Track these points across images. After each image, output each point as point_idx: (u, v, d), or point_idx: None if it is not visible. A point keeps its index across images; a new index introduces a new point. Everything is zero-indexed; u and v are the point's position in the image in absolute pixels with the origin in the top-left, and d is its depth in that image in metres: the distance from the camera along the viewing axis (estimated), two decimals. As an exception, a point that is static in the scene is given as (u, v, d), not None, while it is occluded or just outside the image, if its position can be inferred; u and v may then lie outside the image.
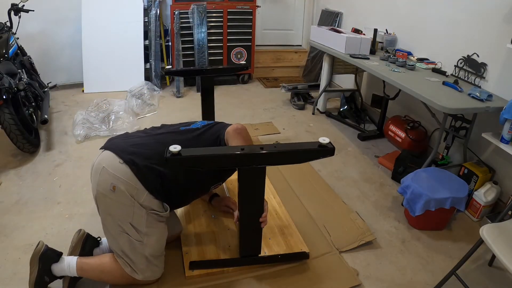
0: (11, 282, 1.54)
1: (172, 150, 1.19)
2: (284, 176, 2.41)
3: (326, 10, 4.29)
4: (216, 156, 1.29)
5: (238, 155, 1.28)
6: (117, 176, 1.33)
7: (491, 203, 2.04)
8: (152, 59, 3.92)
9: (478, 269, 1.73)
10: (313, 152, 1.32)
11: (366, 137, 3.06)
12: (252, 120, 3.34)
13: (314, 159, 1.37)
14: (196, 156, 1.25)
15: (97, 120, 2.94)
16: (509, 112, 1.77)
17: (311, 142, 1.33)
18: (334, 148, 1.32)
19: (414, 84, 2.18)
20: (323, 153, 1.31)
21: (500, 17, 2.08)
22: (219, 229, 1.81)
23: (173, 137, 1.53)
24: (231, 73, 4.40)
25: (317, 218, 2.01)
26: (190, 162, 1.25)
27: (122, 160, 1.36)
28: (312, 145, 1.32)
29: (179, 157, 1.21)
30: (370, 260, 1.76)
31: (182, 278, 1.56)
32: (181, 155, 1.21)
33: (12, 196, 2.11)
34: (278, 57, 4.81)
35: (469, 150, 2.33)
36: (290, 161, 1.38)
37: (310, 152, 1.33)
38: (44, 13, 3.52)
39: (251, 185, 1.42)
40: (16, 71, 2.68)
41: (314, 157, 1.36)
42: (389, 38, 3.07)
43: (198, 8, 3.81)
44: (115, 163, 1.35)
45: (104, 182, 1.34)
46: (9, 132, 2.31)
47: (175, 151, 1.20)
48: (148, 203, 1.38)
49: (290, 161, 1.38)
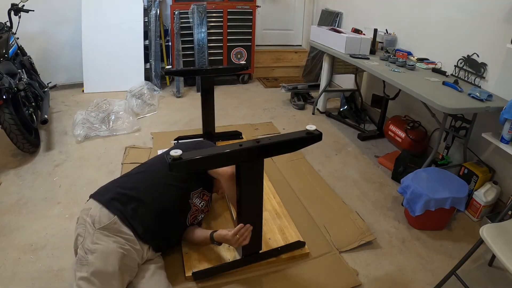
0: (11, 282, 1.54)
1: (173, 155, 1.20)
2: (284, 176, 2.41)
3: (326, 10, 4.29)
4: (216, 155, 1.30)
5: (237, 151, 1.31)
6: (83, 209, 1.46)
7: (491, 203, 2.04)
8: (152, 59, 3.92)
9: (478, 269, 1.73)
10: (303, 139, 1.43)
11: (366, 137, 3.06)
12: (252, 120, 3.34)
13: (306, 146, 1.46)
14: (197, 159, 1.26)
15: (97, 120, 2.94)
16: (509, 112, 1.77)
17: (300, 131, 1.45)
18: (321, 134, 1.44)
19: (414, 84, 2.18)
20: (312, 139, 1.43)
21: (500, 17, 2.08)
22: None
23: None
24: (231, 73, 4.40)
25: (317, 218, 2.01)
26: (192, 165, 1.25)
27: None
28: (301, 133, 1.43)
29: (181, 161, 1.21)
30: (370, 260, 1.76)
31: (182, 278, 1.56)
32: (182, 159, 1.22)
33: (12, 196, 2.11)
34: (278, 57, 4.81)
35: (469, 150, 2.33)
36: (284, 151, 1.47)
37: (300, 140, 1.43)
38: (44, 13, 3.52)
39: (251, 181, 1.44)
40: (16, 71, 2.68)
41: (305, 144, 1.45)
42: (389, 38, 3.07)
43: (198, 8, 3.81)
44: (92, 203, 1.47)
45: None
46: (9, 132, 2.31)
47: (176, 156, 1.20)
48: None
49: (284, 150, 1.46)
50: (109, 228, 1.35)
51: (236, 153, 1.32)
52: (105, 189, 1.53)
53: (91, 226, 1.35)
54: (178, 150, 1.22)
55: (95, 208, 1.41)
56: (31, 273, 1.58)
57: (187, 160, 1.22)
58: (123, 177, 1.64)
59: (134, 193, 1.48)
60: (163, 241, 1.56)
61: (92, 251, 1.29)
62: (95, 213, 1.38)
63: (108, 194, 1.46)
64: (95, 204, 1.43)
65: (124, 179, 1.60)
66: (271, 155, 1.45)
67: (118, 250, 1.32)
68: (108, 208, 1.40)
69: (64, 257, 1.67)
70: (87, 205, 1.46)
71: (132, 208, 1.43)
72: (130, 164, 2.46)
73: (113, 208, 1.40)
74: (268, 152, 1.41)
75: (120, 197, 1.45)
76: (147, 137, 2.91)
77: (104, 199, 1.44)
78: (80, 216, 1.43)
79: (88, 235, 1.33)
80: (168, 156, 1.21)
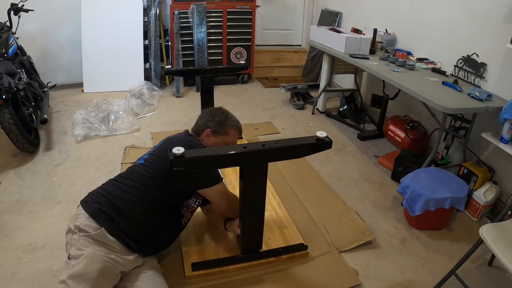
0: (11, 282, 1.54)
1: (175, 152, 1.19)
2: (284, 176, 2.41)
3: (326, 10, 4.29)
4: (219, 156, 1.29)
5: (241, 154, 1.29)
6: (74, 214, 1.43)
7: (490, 203, 2.04)
8: (152, 59, 3.92)
9: (477, 269, 1.73)
10: (312, 146, 1.36)
11: (366, 137, 3.06)
12: (252, 120, 3.34)
13: (313, 153, 1.40)
14: (200, 157, 1.25)
15: (97, 120, 2.94)
16: (508, 112, 1.77)
17: (309, 137, 1.38)
18: (331, 142, 1.36)
19: (414, 84, 2.18)
20: (321, 147, 1.36)
21: (500, 17, 2.08)
22: (218, 228, 1.81)
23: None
24: (230, 73, 4.40)
25: (317, 218, 2.01)
26: (193, 163, 1.24)
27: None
28: (310, 139, 1.36)
29: (183, 158, 1.21)
30: (370, 260, 1.76)
31: (182, 278, 1.56)
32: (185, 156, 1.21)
33: (11, 196, 2.11)
34: (278, 57, 4.81)
35: (469, 150, 2.33)
36: (290, 156, 1.42)
37: (308, 146, 1.37)
38: (44, 13, 3.51)
39: (254, 182, 1.44)
40: (16, 71, 2.68)
41: (313, 151, 1.39)
42: (389, 38, 3.07)
43: (197, 8, 3.81)
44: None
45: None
46: (8, 132, 2.31)
47: (178, 153, 1.20)
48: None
49: (290, 156, 1.42)
50: (95, 238, 1.32)
51: (240, 155, 1.30)
52: (94, 196, 1.44)
53: (76, 234, 1.32)
54: (180, 148, 1.21)
55: (82, 217, 1.36)
56: (30, 273, 1.58)
57: (189, 158, 1.21)
58: (115, 182, 1.51)
59: (123, 206, 1.40)
60: (156, 249, 1.55)
61: (76, 257, 1.28)
62: (81, 222, 1.35)
63: (95, 204, 1.39)
64: (82, 213, 1.38)
65: (114, 187, 1.47)
66: (276, 160, 1.41)
67: (102, 258, 1.29)
68: (95, 219, 1.35)
69: (63, 257, 1.65)
70: (76, 212, 1.41)
71: (120, 220, 1.37)
72: (130, 164, 2.46)
73: (101, 219, 1.35)
74: (273, 157, 1.38)
75: (108, 208, 1.38)
76: (146, 137, 2.91)
77: (92, 209, 1.38)
78: (68, 224, 1.40)
79: (73, 242, 1.32)
80: (170, 153, 1.20)
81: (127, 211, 1.39)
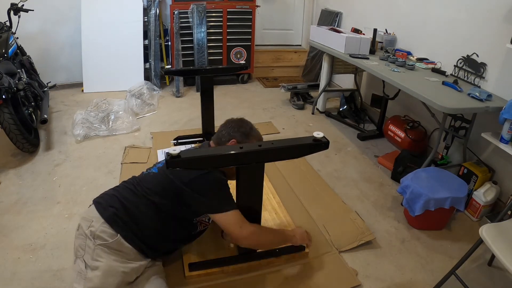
0: (11, 282, 1.54)
1: (171, 153, 1.19)
2: (284, 176, 2.41)
3: (325, 10, 4.29)
4: (215, 156, 1.29)
5: (237, 154, 1.29)
6: (84, 216, 1.40)
7: (490, 203, 2.05)
8: (152, 59, 3.92)
9: (477, 269, 1.73)
10: (309, 147, 1.35)
11: (366, 137, 3.06)
12: (252, 120, 3.26)
13: (310, 154, 1.39)
14: (196, 157, 1.25)
15: (97, 120, 2.94)
16: (508, 112, 1.77)
17: (306, 137, 1.36)
18: (328, 142, 1.35)
19: (414, 84, 2.18)
20: (318, 147, 1.34)
21: (500, 17, 2.08)
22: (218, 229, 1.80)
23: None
24: (230, 73, 4.40)
25: (316, 218, 2.01)
26: (190, 163, 1.24)
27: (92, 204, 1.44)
28: (307, 140, 1.35)
29: (179, 159, 1.20)
30: (370, 260, 1.76)
31: (182, 278, 1.56)
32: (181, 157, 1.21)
33: (11, 196, 2.11)
34: (278, 57, 4.81)
35: (469, 150, 2.33)
36: (287, 157, 1.40)
37: (305, 146, 1.35)
38: (44, 12, 3.51)
39: (251, 183, 1.43)
40: (16, 70, 2.68)
41: (310, 152, 1.38)
42: (389, 38, 3.07)
43: (197, 7, 3.81)
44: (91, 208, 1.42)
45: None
46: (8, 132, 2.31)
47: (174, 154, 1.19)
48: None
49: (287, 156, 1.40)
50: (110, 246, 1.30)
51: (236, 155, 1.29)
52: (109, 199, 1.42)
53: (91, 241, 1.30)
54: (176, 148, 1.22)
55: (97, 222, 1.33)
56: (30, 273, 1.58)
57: (185, 158, 1.21)
58: (130, 187, 1.47)
59: (138, 212, 1.38)
60: (170, 254, 1.57)
61: (92, 268, 1.27)
62: (96, 228, 1.32)
63: (111, 209, 1.36)
64: (97, 217, 1.34)
65: (128, 192, 1.44)
66: (272, 160, 1.40)
67: (119, 269, 1.29)
68: (110, 224, 1.32)
69: (63, 256, 1.67)
70: (89, 214, 1.38)
71: (135, 227, 1.36)
72: (129, 163, 2.47)
73: (116, 226, 1.33)
74: (270, 157, 1.37)
75: (123, 214, 1.36)
76: (146, 136, 2.91)
77: (107, 214, 1.34)
78: (80, 224, 1.37)
79: (88, 249, 1.30)
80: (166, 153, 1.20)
81: (141, 218, 1.38)
